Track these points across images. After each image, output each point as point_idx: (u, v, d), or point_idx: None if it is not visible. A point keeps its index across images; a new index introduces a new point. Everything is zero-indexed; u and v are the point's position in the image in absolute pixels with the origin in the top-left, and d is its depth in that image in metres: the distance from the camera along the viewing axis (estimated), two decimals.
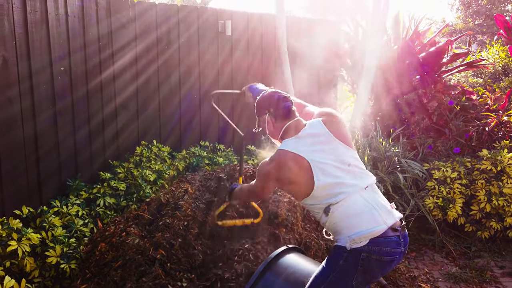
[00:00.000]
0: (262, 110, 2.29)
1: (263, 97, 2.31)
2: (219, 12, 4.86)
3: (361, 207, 2.03)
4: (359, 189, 2.06)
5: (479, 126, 4.86)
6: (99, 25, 3.81)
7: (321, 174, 2.05)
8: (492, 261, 3.92)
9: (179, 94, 4.57)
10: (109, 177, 3.58)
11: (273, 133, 2.28)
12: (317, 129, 2.17)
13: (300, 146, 2.10)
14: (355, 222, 2.00)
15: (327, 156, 2.10)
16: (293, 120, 2.21)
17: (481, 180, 4.17)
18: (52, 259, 2.70)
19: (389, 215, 2.05)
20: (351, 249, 1.98)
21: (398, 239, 2.02)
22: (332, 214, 2.04)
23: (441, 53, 5.35)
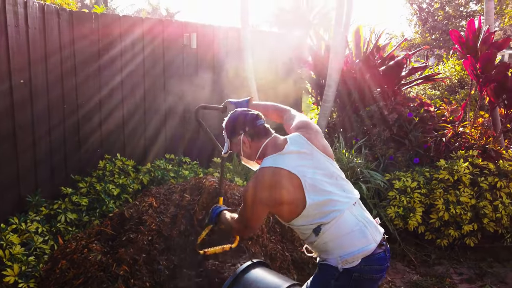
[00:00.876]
0: (235, 130, 2.10)
1: (234, 117, 2.13)
2: (184, 25, 4.87)
3: (353, 225, 1.93)
4: (349, 206, 1.96)
5: (437, 137, 5.04)
6: (61, 37, 3.74)
7: (312, 191, 1.92)
8: (451, 268, 4.03)
9: (143, 106, 4.53)
10: (70, 192, 3.49)
11: (250, 154, 2.10)
12: (300, 144, 2.03)
13: (287, 162, 1.94)
14: (347, 241, 1.92)
15: (315, 171, 1.97)
16: (271, 137, 2.08)
17: (439, 189, 4.29)
18: (9, 279, 2.60)
19: (376, 231, 1.99)
20: (343, 269, 1.90)
21: (384, 254, 1.97)
22: (323, 234, 1.93)
23: (400, 66, 5.55)
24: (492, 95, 5.10)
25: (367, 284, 1.94)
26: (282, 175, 1.90)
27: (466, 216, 4.14)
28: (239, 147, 2.10)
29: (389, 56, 5.74)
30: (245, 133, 2.07)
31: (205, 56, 5.08)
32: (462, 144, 4.97)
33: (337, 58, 5.18)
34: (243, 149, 2.09)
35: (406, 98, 5.61)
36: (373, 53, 5.69)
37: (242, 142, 2.07)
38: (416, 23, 20.69)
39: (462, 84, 7.97)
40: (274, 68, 5.96)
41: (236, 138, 2.09)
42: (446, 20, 19.13)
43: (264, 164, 1.96)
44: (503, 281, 3.79)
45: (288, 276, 3.15)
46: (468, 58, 4.91)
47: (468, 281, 3.81)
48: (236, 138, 2.09)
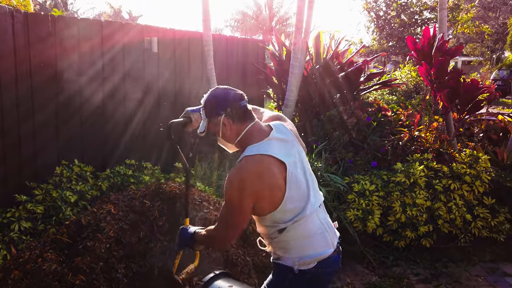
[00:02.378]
0: (216, 109, 1.89)
1: (216, 94, 1.94)
2: (146, 28, 4.81)
3: (316, 228, 1.90)
4: (316, 208, 1.92)
5: (394, 140, 5.18)
6: (15, 39, 3.61)
7: (293, 183, 1.82)
8: (408, 269, 4.12)
9: (103, 112, 4.43)
10: (25, 199, 3.36)
11: (229, 136, 1.92)
12: (284, 132, 1.93)
13: (274, 148, 1.82)
14: (308, 244, 1.89)
15: (297, 161, 1.88)
16: (254, 121, 1.92)
17: (397, 192, 4.38)
18: None
19: (334, 236, 2.00)
20: (299, 271, 1.88)
21: (338, 257, 1.99)
22: (287, 233, 1.87)
23: (359, 72, 5.70)
24: (445, 100, 5.31)
25: (319, 284, 1.97)
26: (269, 162, 1.78)
27: (422, 217, 4.26)
28: (218, 128, 1.91)
29: (348, 62, 5.89)
30: (226, 114, 1.87)
31: (166, 59, 5.03)
32: (418, 148, 5.13)
33: (298, 64, 5.26)
34: (223, 130, 1.90)
35: (364, 103, 5.76)
36: (333, 59, 5.82)
37: (222, 124, 1.88)
38: (373, 30, 21.34)
39: (418, 89, 8.28)
40: (236, 72, 5.98)
41: (216, 118, 1.89)
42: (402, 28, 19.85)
43: (249, 152, 1.81)
44: (457, 280, 3.91)
45: (249, 282, 3.16)
46: (423, 64, 5.09)
47: (424, 281, 3.91)
48: (216, 118, 1.89)
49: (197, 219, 3.30)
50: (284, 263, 1.92)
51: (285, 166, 1.81)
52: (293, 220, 1.84)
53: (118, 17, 24.30)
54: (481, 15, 20.68)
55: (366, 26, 22.11)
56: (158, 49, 4.87)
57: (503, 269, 4.13)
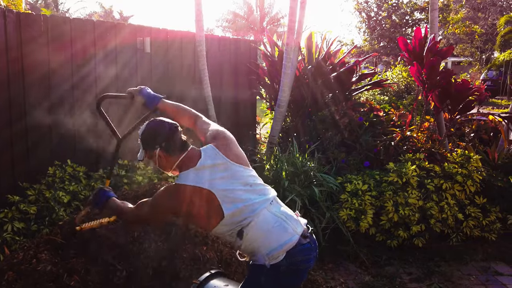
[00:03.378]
0: (151, 143, 2.10)
1: (151, 128, 2.13)
2: (138, 28, 4.82)
3: (272, 222, 2.03)
4: (267, 205, 2.07)
5: (386, 140, 5.25)
6: (7, 39, 3.60)
7: (228, 202, 2.01)
8: (401, 268, 4.15)
9: (96, 112, 4.42)
10: (18, 200, 3.36)
11: (165, 166, 2.15)
12: (213, 156, 2.09)
13: (200, 178, 2.02)
14: (270, 238, 2.01)
15: (230, 181, 2.05)
16: (187, 151, 2.11)
17: (389, 192, 4.43)
18: None
19: (297, 223, 2.09)
20: (270, 265, 1.99)
21: (310, 245, 2.08)
22: (246, 236, 2.02)
23: (351, 72, 5.77)
24: (437, 100, 5.39)
25: (295, 275, 2.06)
26: (195, 192, 1.99)
27: (414, 217, 4.30)
28: (154, 159, 2.13)
29: (340, 62, 5.95)
30: (161, 148, 2.08)
31: (159, 59, 5.05)
32: (410, 148, 5.19)
33: (290, 64, 5.30)
34: (158, 161, 2.13)
35: (356, 103, 5.83)
36: (325, 59, 5.88)
37: (158, 156, 2.10)
38: (365, 30, 21.52)
39: (409, 89, 8.38)
40: (228, 73, 6.01)
41: (152, 151, 2.10)
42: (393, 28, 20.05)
43: (179, 181, 2.03)
44: (449, 279, 3.96)
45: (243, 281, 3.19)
46: (415, 64, 5.17)
47: (417, 281, 3.94)
48: (152, 151, 2.10)
49: None
50: (257, 263, 2.03)
51: (212, 192, 1.99)
52: (240, 224, 2.02)
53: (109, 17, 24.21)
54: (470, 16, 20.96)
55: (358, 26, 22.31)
56: (151, 49, 4.88)
57: (495, 268, 4.19)
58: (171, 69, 5.21)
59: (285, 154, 4.89)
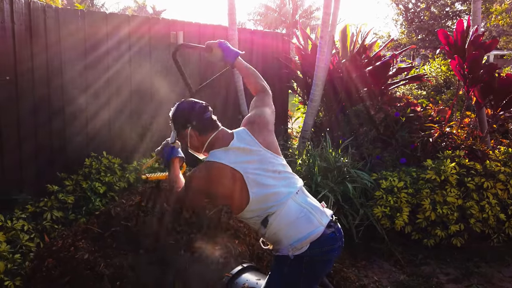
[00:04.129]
0: (182, 123, 2.16)
1: (181, 109, 2.19)
2: (171, 22, 4.93)
3: (297, 212, 2.05)
4: (293, 195, 2.08)
5: (424, 137, 5.17)
6: (47, 34, 3.77)
7: (255, 186, 2.03)
8: (437, 268, 4.10)
9: (130, 105, 4.58)
10: (57, 189, 3.54)
11: (197, 147, 2.19)
12: (245, 140, 2.12)
13: (231, 158, 2.04)
14: (295, 228, 2.03)
15: (258, 166, 2.07)
16: (218, 130, 2.16)
17: (426, 189, 4.37)
18: None
19: (322, 214, 2.10)
20: (294, 256, 2.01)
21: (334, 235, 2.08)
22: (271, 225, 2.04)
23: (387, 66, 5.70)
24: (479, 95, 5.26)
25: (319, 265, 2.08)
26: (224, 171, 2.01)
27: (453, 216, 4.24)
28: (186, 139, 2.17)
29: (375, 56, 5.89)
30: (192, 127, 2.13)
31: (191, 53, 5.15)
32: (449, 145, 5.09)
33: (324, 58, 5.29)
34: (190, 141, 2.16)
35: (392, 98, 5.76)
36: (360, 53, 5.83)
37: (189, 136, 2.14)
38: (402, 23, 21.08)
39: (448, 84, 8.18)
40: (260, 66, 6.04)
41: (184, 131, 2.15)
42: (432, 20, 19.54)
43: (209, 158, 2.06)
44: (489, 281, 3.87)
45: None
46: (456, 58, 5.05)
47: (455, 281, 3.88)
48: (184, 131, 2.15)
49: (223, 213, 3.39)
50: (281, 253, 2.05)
51: (240, 173, 2.02)
52: (268, 211, 2.03)
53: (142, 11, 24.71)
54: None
55: (394, 19, 21.86)
56: None
57: None
58: (203, 62, 5.31)
59: (317, 149, 4.90)
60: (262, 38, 6.08)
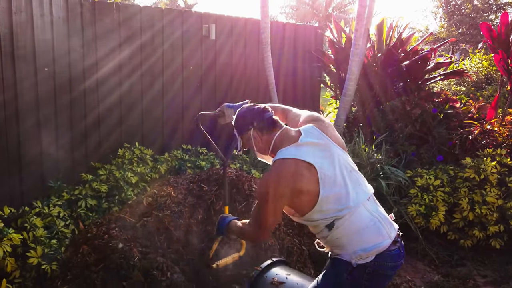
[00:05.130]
0: (244, 126, 2.15)
1: (242, 113, 2.18)
2: (204, 16, 5.04)
3: (367, 220, 1.98)
4: (364, 201, 2.00)
5: (463, 134, 5.09)
6: (83, 27, 3.94)
7: (327, 184, 1.94)
8: (474, 270, 4.06)
9: (162, 99, 4.72)
10: (91, 178, 3.69)
11: (263, 148, 2.14)
12: (315, 135, 2.06)
13: (303, 152, 1.97)
14: (362, 237, 1.96)
15: (330, 162, 2.00)
16: (282, 129, 2.11)
17: (464, 188, 4.33)
18: (33, 260, 2.79)
19: (391, 227, 2.04)
20: (357, 264, 1.95)
21: (399, 251, 2.03)
22: (336, 230, 1.97)
23: (424, 61, 5.62)
24: None
25: (380, 279, 2.02)
26: (299, 165, 1.93)
27: (492, 217, 4.17)
28: (250, 142, 2.14)
29: (413, 50, 5.82)
30: (254, 127, 2.11)
31: (223, 46, 5.25)
32: (490, 142, 5.00)
33: (358, 51, 5.28)
34: (255, 143, 2.13)
35: (430, 93, 5.68)
36: (396, 47, 5.78)
37: (253, 137, 2.12)
38: (441, 16, 20.59)
39: (490, 80, 7.97)
40: (292, 60, 6.09)
41: (246, 134, 2.13)
42: (474, 13, 19.01)
43: (279, 156, 1.99)
44: None
45: (304, 271, 3.28)
46: (500, 53, 4.95)
47: (493, 284, 3.83)
48: (246, 134, 2.13)
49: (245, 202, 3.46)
50: (342, 258, 2.00)
51: (315, 168, 1.94)
52: (337, 214, 1.95)
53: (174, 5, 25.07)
54: None
55: (434, 12, 21.39)
56: (216, 36, 5.09)
57: None
58: (235, 55, 5.39)
59: (350, 144, 4.90)
60: (294, 31, 6.11)
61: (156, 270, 2.86)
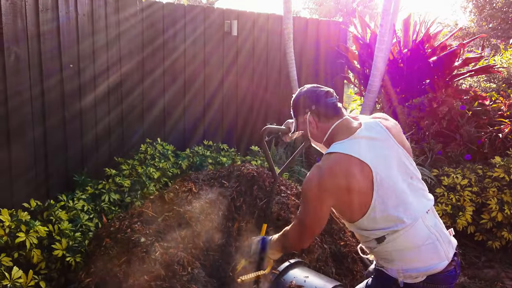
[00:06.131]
0: (301, 108, 1.98)
1: (302, 93, 2.02)
2: (226, 12, 5.12)
3: (424, 238, 1.78)
4: (423, 214, 1.81)
5: (492, 132, 5.02)
6: (107, 25, 4.06)
7: (382, 187, 1.75)
8: (502, 272, 4.01)
9: (184, 94, 4.83)
10: (114, 173, 3.82)
11: (317, 135, 1.98)
12: (377, 131, 1.88)
13: (358, 148, 1.79)
14: (415, 256, 1.78)
15: (390, 164, 1.81)
16: (342, 118, 1.92)
17: (493, 188, 4.28)
18: (58, 252, 2.91)
19: (449, 245, 1.84)
20: (404, 284, 1.79)
21: (454, 271, 1.84)
22: (387, 244, 1.79)
23: (453, 56, 5.57)
24: None
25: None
26: (351, 162, 1.75)
27: None
28: (305, 126, 1.99)
29: (440, 45, 5.78)
30: (311, 111, 1.94)
31: (245, 43, 5.32)
32: None
33: (383, 47, 5.27)
34: (309, 129, 1.98)
35: (458, 90, 5.62)
36: (423, 42, 5.74)
37: (308, 122, 1.96)
38: (471, 10, 20.19)
39: None
40: (315, 55, 6.11)
41: (302, 116, 1.99)
42: (506, 7, 18.56)
43: (332, 149, 1.83)
44: None
45: (325, 270, 3.31)
46: None
47: None
48: (302, 116, 1.99)
49: (274, 203, 3.52)
50: (388, 273, 1.85)
51: (370, 167, 1.76)
52: (390, 229, 1.77)
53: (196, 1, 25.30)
54: None
55: (463, 6, 20.99)
56: (238, 32, 5.17)
57: None
58: (257, 51, 5.46)
59: None
60: (317, 27, 6.14)
61: (177, 265, 2.93)
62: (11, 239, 2.73)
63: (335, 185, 1.75)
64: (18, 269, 2.55)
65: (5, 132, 3.24)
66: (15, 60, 3.25)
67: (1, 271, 2.52)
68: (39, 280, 2.71)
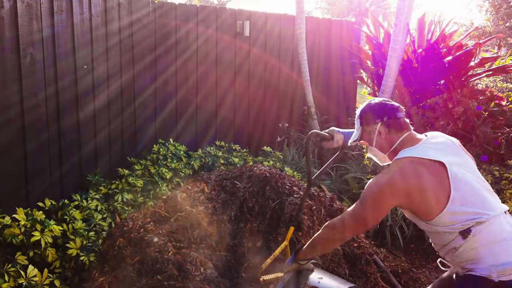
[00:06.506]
0: (373, 118, 2.07)
1: (372, 104, 2.11)
2: (238, 12, 5.15)
3: (509, 232, 1.80)
4: (502, 213, 1.84)
5: (509, 133, 4.98)
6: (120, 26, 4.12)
7: (459, 182, 1.81)
8: None
9: (196, 95, 4.87)
10: (127, 173, 3.87)
11: (382, 146, 2.07)
12: (442, 139, 1.99)
13: (428, 152, 1.89)
14: (504, 249, 1.78)
15: (462, 164, 1.90)
16: (409, 132, 2.03)
17: (510, 190, 4.27)
18: (72, 251, 2.97)
19: None
20: (499, 281, 1.74)
21: None
22: (473, 237, 1.78)
23: (468, 56, 5.53)
24: None
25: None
26: (421, 164, 1.85)
27: None
28: (372, 136, 2.08)
29: (456, 45, 5.74)
30: (383, 122, 2.04)
31: (257, 43, 5.34)
32: None
33: (397, 47, 5.25)
34: (377, 139, 2.07)
35: (474, 90, 5.58)
36: (438, 42, 5.71)
37: (378, 132, 2.05)
38: (487, 9, 19.97)
39: None
40: (328, 56, 6.12)
41: (372, 126, 2.07)
42: None
43: (402, 155, 1.93)
44: None
45: (338, 271, 3.32)
46: None
47: None
48: (372, 126, 2.07)
49: (287, 204, 3.54)
50: (478, 274, 1.80)
51: (444, 166, 1.83)
52: (474, 220, 1.79)
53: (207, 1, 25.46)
54: None
55: (479, 5, 20.79)
56: (250, 33, 5.20)
57: None
58: (269, 52, 5.48)
59: None
60: (329, 26, 6.14)
61: (190, 265, 2.95)
62: (27, 238, 2.79)
63: (406, 187, 1.83)
64: (33, 267, 2.62)
65: (21, 132, 3.31)
66: (30, 61, 3.32)
67: (17, 269, 2.58)
68: (54, 279, 2.77)
